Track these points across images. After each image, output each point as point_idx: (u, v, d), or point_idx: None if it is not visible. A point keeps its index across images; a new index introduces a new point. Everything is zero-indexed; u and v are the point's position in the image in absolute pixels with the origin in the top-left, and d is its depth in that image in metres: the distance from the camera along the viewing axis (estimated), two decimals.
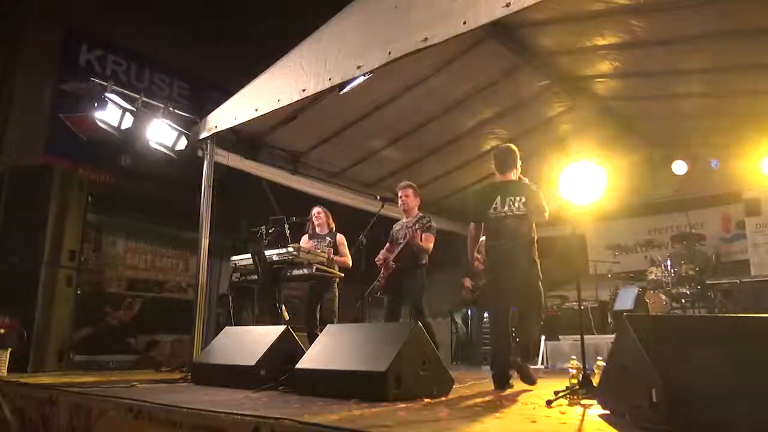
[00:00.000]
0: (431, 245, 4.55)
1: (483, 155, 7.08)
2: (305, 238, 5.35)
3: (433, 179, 7.51)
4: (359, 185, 7.28)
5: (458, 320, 8.32)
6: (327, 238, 5.26)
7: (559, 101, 6.25)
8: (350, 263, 5.14)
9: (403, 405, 2.76)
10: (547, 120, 6.58)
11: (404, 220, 4.82)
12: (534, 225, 3.88)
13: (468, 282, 7.19)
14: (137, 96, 5.40)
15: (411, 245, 4.48)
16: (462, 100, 6.00)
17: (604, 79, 5.73)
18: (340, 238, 5.30)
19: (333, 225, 5.42)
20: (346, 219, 5.83)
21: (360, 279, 4.85)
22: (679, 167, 7.47)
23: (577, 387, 3.03)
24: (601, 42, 4.94)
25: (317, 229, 5.40)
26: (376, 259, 4.68)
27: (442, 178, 7.56)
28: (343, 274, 5.05)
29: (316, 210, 5.42)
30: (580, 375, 3.13)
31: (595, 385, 2.99)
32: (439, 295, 8.09)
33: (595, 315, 7.06)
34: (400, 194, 4.80)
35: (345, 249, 5.23)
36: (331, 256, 4.92)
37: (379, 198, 4.83)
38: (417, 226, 4.50)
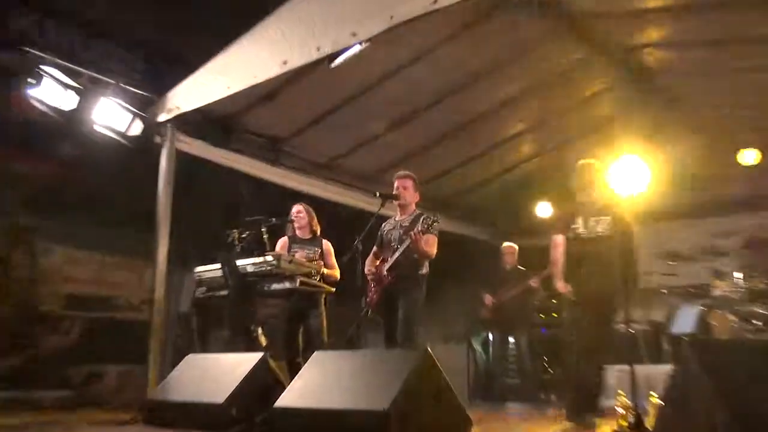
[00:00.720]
0: (435, 250, 4.58)
1: (506, 142, 7.08)
2: (282, 242, 5.37)
3: (443, 171, 7.55)
4: (354, 179, 7.34)
5: (477, 346, 8.37)
6: (314, 247, 5.27)
7: (600, 77, 6.31)
8: (338, 275, 5.18)
9: None
10: (584, 100, 6.65)
11: (397, 217, 4.82)
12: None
13: (489, 298, 7.28)
14: (82, 70, 5.41)
15: (411, 250, 4.49)
16: (480, 75, 6.05)
17: (654, 49, 5.75)
18: (327, 245, 5.33)
19: (318, 228, 5.43)
20: (338, 220, 5.88)
21: (354, 295, 4.78)
22: (749, 157, 7.43)
23: (627, 429, 2.99)
24: (651, 4, 4.93)
25: (298, 233, 5.39)
26: (366, 270, 4.66)
27: (455, 169, 7.59)
28: (333, 288, 5.06)
29: (296, 208, 5.40)
30: (631, 414, 3.10)
31: (649, 427, 2.97)
32: (453, 315, 8.05)
33: (647, 340, 7.04)
34: (397, 185, 4.80)
35: (333, 259, 5.25)
36: (323, 269, 4.97)
37: (378, 195, 4.72)
38: (419, 227, 4.47)
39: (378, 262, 4.76)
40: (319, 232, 5.42)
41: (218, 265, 4.76)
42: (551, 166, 7.63)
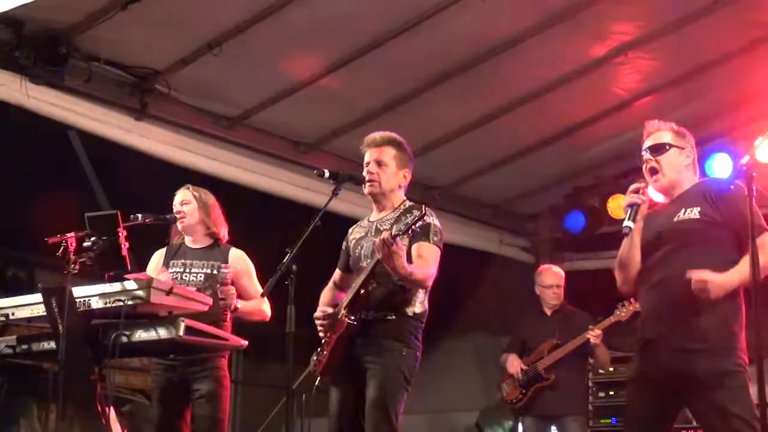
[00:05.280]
0: (434, 271, 4.59)
1: (557, 84, 7.24)
2: (157, 256, 5.49)
3: (445, 137, 7.75)
4: (285, 146, 7.50)
5: None
6: (213, 262, 5.32)
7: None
8: (268, 313, 5.33)
9: None
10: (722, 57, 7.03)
11: (374, 216, 4.84)
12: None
13: (517, 364, 7.22)
14: None
15: (387, 273, 4.41)
16: None
17: None
18: (239, 259, 5.38)
19: (220, 229, 5.46)
20: (254, 216, 5.88)
21: (284, 352, 4.58)
22: None
23: None
24: None
25: (186, 239, 5.47)
26: (318, 313, 4.74)
27: (465, 134, 7.74)
28: (245, 342, 4.98)
29: (181, 197, 5.42)
30: None
31: None
32: (455, 391, 7.97)
33: None
34: (367, 158, 4.75)
35: (252, 282, 5.36)
36: (235, 301, 5.10)
37: (327, 174, 4.64)
38: (402, 228, 4.42)
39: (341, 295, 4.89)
40: (222, 236, 5.45)
41: (39, 297, 4.68)
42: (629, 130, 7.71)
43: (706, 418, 4.26)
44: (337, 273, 4.93)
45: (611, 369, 7.74)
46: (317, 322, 4.72)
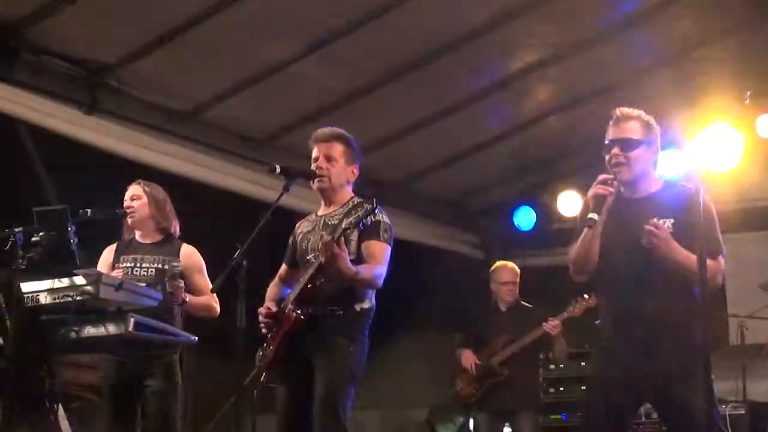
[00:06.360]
0: (384, 270, 4.57)
1: (510, 81, 7.19)
2: (107, 252, 5.44)
3: (396, 133, 7.75)
4: (236, 142, 7.48)
5: None
6: (165, 257, 5.31)
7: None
8: (217, 309, 5.26)
9: None
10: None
11: (321, 211, 4.83)
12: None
13: (471, 358, 7.26)
14: None
15: (334, 272, 4.39)
16: None
17: None
18: (190, 255, 5.37)
19: (171, 224, 5.44)
20: (205, 212, 5.82)
21: (234, 347, 4.55)
22: None
23: None
24: None
25: (137, 234, 5.42)
26: (260, 310, 4.69)
27: (418, 130, 7.77)
28: (196, 338, 5.03)
29: (132, 191, 5.39)
30: None
31: None
32: (407, 386, 7.99)
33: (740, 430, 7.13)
34: (316, 153, 4.72)
35: (203, 278, 5.34)
36: (183, 294, 5.05)
37: (279, 170, 4.60)
38: (352, 222, 4.42)
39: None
40: (174, 231, 5.44)
41: None
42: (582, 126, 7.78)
43: (670, 415, 4.35)
44: (283, 268, 4.90)
45: (561, 366, 7.84)
46: (260, 318, 4.70)
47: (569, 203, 8.43)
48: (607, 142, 4.30)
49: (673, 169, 6.02)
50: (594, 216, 4.18)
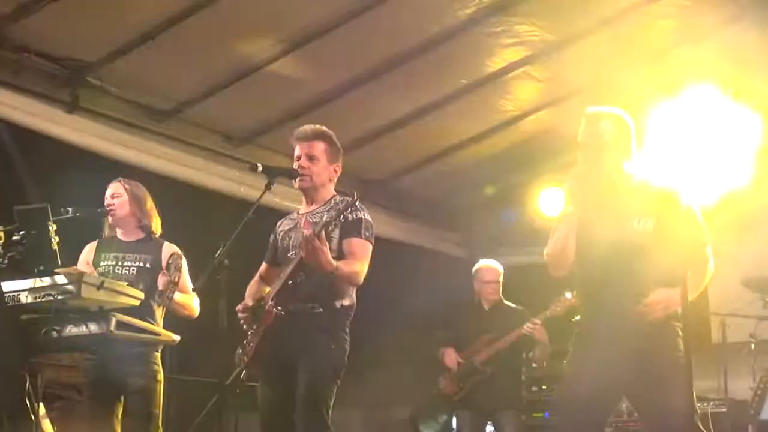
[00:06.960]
0: (364, 267, 4.58)
1: (491, 79, 7.19)
2: (87, 250, 5.44)
3: (378, 131, 7.76)
4: (218, 140, 7.49)
5: None
6: (146, 255, 5.32)
7: None
8: (196, 309, 5.33)
9: None
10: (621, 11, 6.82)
11: (303, 210, 4.83)
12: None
13: (454, 357, 7.25)
14: None
15: (315, 266, 4.38)
16: None
17: None
18: (170, 251, 5.37)
19: (153, 222, 5.46)
20: (186, 211, 5.83)
21: (217, 345, 4.62)
22: None
23: None
24: None
25: (118, 232, 5.43)
26: (238, 307, 4.68)
27: (399, 129, 7.78)
28: (177, 338, 5.04)
29: (112, 189, 5.40)
30: None
31: None
32: (390, 384, 7.95)
33: (721, 429, 7.15)
34: (298, 152, 4.73)
35: (184, 277, 5.35)
36: (172, 289, 5.12)
37: (260, 168, 4.64)
38: (330, 220, 4.41)
39: (267, 290, 4.77)
40: (155, 230, 5.44)
41: None
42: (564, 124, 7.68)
43: (647, 413, 4.37)
44: (263, 266, 4.91)
45: (544, 364, 7.84)
46: (239, 314, 4.69)
47: (551, 202, 8.41)
48: (578, 139, 4.35)
49: (652, 165, 6.04)
50: (570, 208, 4.28)
